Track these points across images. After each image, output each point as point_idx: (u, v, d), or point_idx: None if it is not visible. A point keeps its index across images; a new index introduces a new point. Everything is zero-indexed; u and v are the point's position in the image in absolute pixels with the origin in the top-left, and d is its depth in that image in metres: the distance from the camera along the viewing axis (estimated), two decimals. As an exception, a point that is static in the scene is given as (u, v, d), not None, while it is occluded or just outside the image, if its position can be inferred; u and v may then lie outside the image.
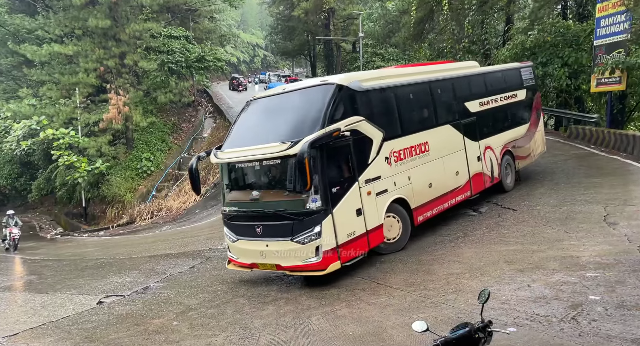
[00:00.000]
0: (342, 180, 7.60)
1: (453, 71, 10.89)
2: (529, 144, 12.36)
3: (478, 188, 10.50)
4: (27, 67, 30.32)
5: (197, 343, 5.67)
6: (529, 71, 12.89)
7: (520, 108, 12.29)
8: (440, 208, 9.47)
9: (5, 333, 6.86)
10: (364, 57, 35.53)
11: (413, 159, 8.91)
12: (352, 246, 7.57)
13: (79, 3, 26.60)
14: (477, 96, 10.82)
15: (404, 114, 9.02)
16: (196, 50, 32.53)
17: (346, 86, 7.94)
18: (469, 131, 10.36)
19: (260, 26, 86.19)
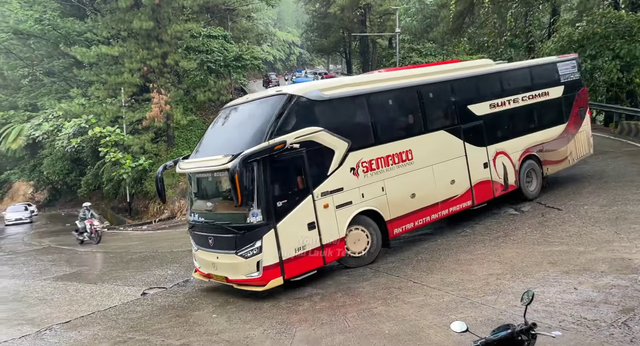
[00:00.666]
0: (291, 193, 7.44)
1: (452, 72, 10.07)
2: (565, 146, 11.33)
3: (483, 197, 9.83)
4: (77, 68, 31.86)
5: (236, 336, 5.79)
6: (570, 65, 11.76)
7: (552, 107, 11.25)
8: (426, 219, 8.97)
9: (59, 320, 7.28)
10: (400, 53, 35.01)
11: (390, 169, 8.52)
12: (302, 261, 7.41)
13: (125, 5, 27.68)
14: (485, 97, 10.08)
15: (379, 122, 8.63)
16: (234, 50, 33.12)
17: (300, 96, 7.74)
18: (473, 136, 9.74)
19: (296, 24, 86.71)
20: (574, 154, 11.59)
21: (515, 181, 10.36)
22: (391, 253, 8.87)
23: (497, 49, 24.94)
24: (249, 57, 33.83)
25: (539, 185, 10.97)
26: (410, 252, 8.66)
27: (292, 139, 7.36)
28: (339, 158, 7.90)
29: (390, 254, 8.76)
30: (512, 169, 10.30)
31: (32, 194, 43.95)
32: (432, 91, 9.43)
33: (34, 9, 31.05)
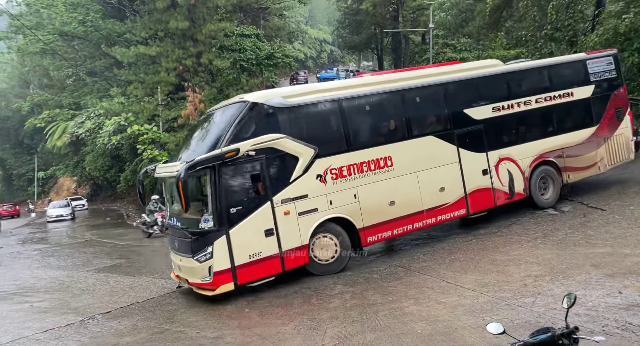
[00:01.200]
0: (247, 200, 7.48)
1: (447, 74, 9.62)
2: (594, 152, 10.42)
3: (482, 206, 9.40)
4: (117, 68, 33.06)
5: (268, 331, 5.86)
6: (604, 62, 10.74)
7: (577, 109, 10.46)
8: (408, 228, 8.71)
9: (101, 310, 7.60)
10: (434, 48, 34.35)
11: (364, 176, 8.35)
12: (257, 267, 7.44)
13: (162, 6, 28.49)
14: (487, 100, 9.61)
15: (353, 129, 8.47)
16: (266, 48, 33.46)
17: (261, 104, 7.75)
18: (470, 141, 9.31)
19: (327, 21, 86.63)
20: (606, 160, 10.58)
21: (524, 189, 9.78)
22: (424, 252, 8.75)
23: (537, 43, 24.02)
24: (280, 55, 34.08)
25: (556, 194, 10.18)
26: (443, 252, 8.50)
27: (249, 146, 7.43)
28: (303, 165, 7.88)
29: (422, 254, 8.64)
30: (520, 176, 9.74)
31: (75, 189, 46.06)
32: (419, 95, 9.15)
33: (78, 11, 32.39)
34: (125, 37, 32.13)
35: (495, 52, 30.33)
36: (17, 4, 40.95)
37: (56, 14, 32.79)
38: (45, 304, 8.50)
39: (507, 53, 28.29)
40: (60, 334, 6.53)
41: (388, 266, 8.19)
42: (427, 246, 9.19)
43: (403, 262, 8.29)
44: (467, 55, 32.67)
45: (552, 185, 10.18)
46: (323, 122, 8.40)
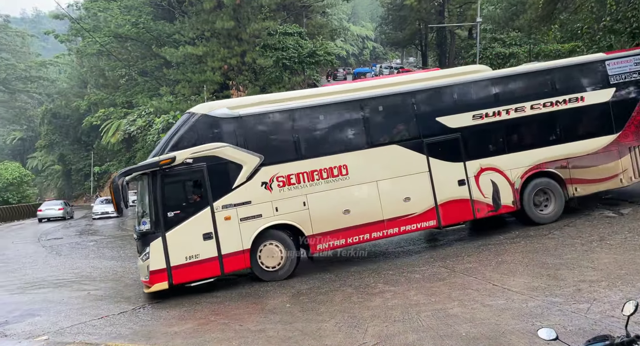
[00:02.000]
0: (185, 205, 7.95)
1: (419, 82, 9.32)
2: (613, 162, 9.42)
3: (457, 218, 9.01)
4: (166, 68, 34.42)
5: (309, 327, 5.91)
6: (634, 62, 9.66)
7: (590, 115, 9.56)
8: (365, 237, 8.61)
9: (150, 300, 7.96)
10: (481, 43, 33.22)
11: (315, 184, 8.44)
12: (194, 269, 7.82)
13: (209, 7, 29.34)
14: (466, 108, 9.18)
15: (303, 138, 8.62)
16: (308, 46, 33.66)
17: (204, 115, 8.23)
18: (443, 150, 8.99)
19: (370, 18, 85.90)
20: (630, 172, 9.51)
21: (513, 201, 9.16)
22: (468, 253, 8.51)
23: (594, 36, 22.64)
24: (322, 52, 34.19)
25: (559, 208, 9.33)
26: (489, 254, 8.23)
27: (187, 154, 7.92)
28: (247, 172, 8.18)
29: (467, 255, 8.40)
30: (508, 187, 9.14)
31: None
32: (381, 104, 9.01)
33: (131, 14, 34.00)
34: (174, 38, 33.37)
35: (548, 46, 28.92)
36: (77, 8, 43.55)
37: (112, 16, 34.54)
38: (101, 292, 9.00)
39: (561, 47, 26.88)
40: (114, 321, 6.89)
41: (431, 267, 8.03)
42: (471, 247, 8.93)
43: (447, 263, 8.10)
44: (517, 49, 31.37)
45: (553, 199, 9.34)
46: (270, 131, 8.61)
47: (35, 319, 7.25)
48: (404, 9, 45.65)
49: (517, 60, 30.63)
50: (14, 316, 7.57)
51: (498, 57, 32.40)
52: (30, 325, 6.93)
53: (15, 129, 57.35)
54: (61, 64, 55.38)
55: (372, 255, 9.62)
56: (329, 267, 8.99)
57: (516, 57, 31.02)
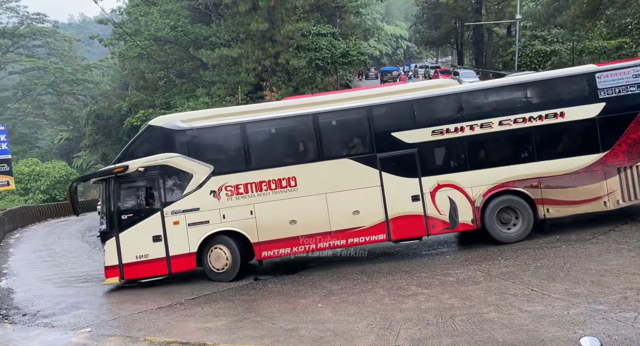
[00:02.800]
0: (137, 209, 8.81)
1: (377, 97, 9.20)
2: (597, 183, 8.79)
3: (409, 233, 9.00)
4: (202, 69, 35.28)
5: (340, 327, 5.90)
6: (632, 74, 8.87)
7: (572, 131, 9.00)
8: (311, 247, 8.90)
9: (187, 296, 8.17)
10: (520, 41, 32.17)
11: (263, 194, 8.88)
12: (143, 267, 8.70)
13: (244, 9, 29.88)
14: (425, 123, 9.02)
15: (253, 150, 9.06)
16: (341, 46, 33.63)
17: (158, 127, 8.96)
18: (397, 165, 8.97)
19: (404, 17, 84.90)
20: (618, 195, 8.80)
21: (472, 220, 8.94)
22: (505, 257, 8.25)
23: (643, 31, 21.48)
24: (355, 53, 34.09)
25: (526, 228, 8.96)
26: (527, 258, 7.95)
27: (140, 163, 8.74)
28: (197, 181, 8.81)
29: (504, 259, 8.15)
30: (467, 205, 8.93)
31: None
32: (335, 118, 9.13)
33: (170, 17, 35.06)
34: (211, 40, 34.16)
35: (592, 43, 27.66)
36: (119, 13, 45.34)
37: (152, 20, 35.74)
38: (139, 288, 9.31)
39: (607, 44, 25.64)
40: (152, 316, 7.12)
41: (465, 270, 7.84)
42: (509, 250, 8.65)
43: (482, 266, 7.89)
44: (559, 47, 30.21)
45: (522, 219, 8.97)
46: (220, 143, 9.14)
47: (79, 312, 7.60)
48: (439, 7, 44.83)
49: (558, 58, 29.49)
50: (60, 308, 7.97)
51: (538, 55, 31.29)
52: (74, 317, 7.27)
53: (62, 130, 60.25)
54: (104, 67, 57.81)
55: (405, 256, 9.50)
56: (360, 268, 8.95)
57: (558, 55, 29.86)
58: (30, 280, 10.79)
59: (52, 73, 52.07)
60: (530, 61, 32.28)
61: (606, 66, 9.21)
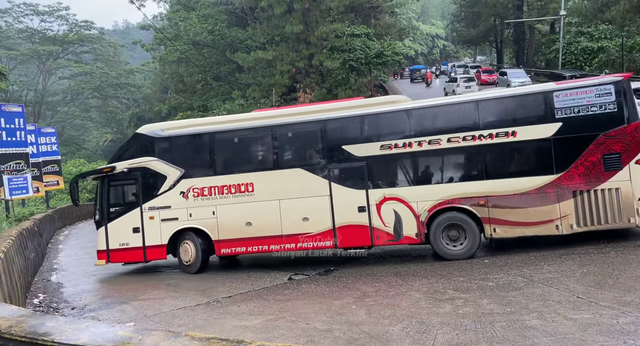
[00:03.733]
0: (122, 204, 10.32)
1: (331, 111, 9.65)
2: (550, 205, 8.44)
3: (355, 242, 9.35)
4: (238, 72, 35.99)
5: (375, 330, 5.85)
6: (595, 93, 8.36)
7: (523, 151, 8.84)
8: (264, 248, 9.65)
9: (223, 294, 8.33)
10: (564, 38, 30.90)
11: (224, 197, 9.75)
12: (125, 254, 10.12)
13: (279, 12, 30.26)
14: (375, 138, 9.28)
15: (218, 157, 9.96)
16: (375, 47, 33.43)
17: (141, 134, 10.32)
18: (346, 177, 9.37)
19: (441, 16, 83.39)
20: (572, 219, 8.39)
21: (416, 233, 9.05)
22: (548, 262, 7.94)
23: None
24: (390, 53, 33.80)
25: (471, 246, 8.86)
26: (572, 264, 7.61)
27: (125, 165, 10.18)
28: (170, 183, 9.98)
29: (547, 264, 7.84)
30: (412, 219, 9.05)
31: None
32: (292, 130, 9.75)
33: (208, 22, 36.01)
34: (246, 44, 34.80)
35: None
36: (160, 18, 47.00)
37: (190, 25, 36.80)
38: (179, 284, 9.60)
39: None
40: (191, 313, 7.32)
41: (505, 275, 7.59)
42: (552, 255, 8.32)
43: (523, 271, 7.62)
44: (607, 43, 28.82)
45: (468, 236, 8.86)
46: (190, 150, 10.17)
47: (123, 306, 7.92)
48: (478, 5, 43.77)
49: (606, 55, 28.11)
50: (105, 302, 8.35)
51: (584, 52, 29.96)
52: (119, 311, 7.59)
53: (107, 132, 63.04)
54: (146, 71, 60.08)
55: (441, 260, 9.32)
56: (394, 270, 8.85)
57: (606, 52, 28.46)
58: (78, 275, 11.34)
59: (98, 77, 54.61)
60: (576, 59, 30.95)
61: (566, 85, 8.87)
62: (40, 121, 47.66)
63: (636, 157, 8.08)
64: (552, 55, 34.03)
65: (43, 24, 55.93)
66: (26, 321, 3.64)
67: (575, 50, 30.63)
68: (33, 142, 24.37)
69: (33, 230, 13.12)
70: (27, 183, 18.57)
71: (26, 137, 20.64)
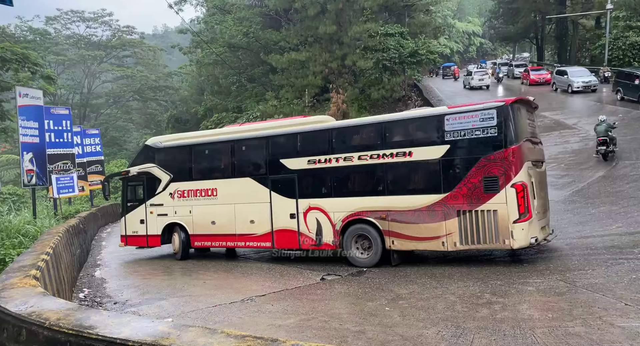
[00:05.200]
0: (135, 200, 12.94)
1: (275, 129, 11.13)
2: (437, 223, 8.74)
3: (287, 245, 10.60)
4: (271, 74, 36.44)
5: (409, 332, 5.77)
6: (479, 118, 8.50)
7: (417, 171, 9.30)
8: (223, 243, 11.57)
9: (257, 292, 8.43)
10: (611, 33, 29.44)
11: (197, 199, 11.75)
12: (135, 239, 12.82)
13: (313, 13, 30.41)
14: (304, 153, 10.33)
15: (194, 165, 12.07)
16: (410, 45, 32.95)
17: (148, 145, 13.02)
18: (282, 186, 10.55)
19: (478, 13, 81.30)
20: (456, 237, 8.58)
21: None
22: (593, 267, 7.59)
23: None
24: (424, 52, 33.23)
25: (377, 255, 9.45)
26: (620, 269, 7.24)
27: (136, 169, 12.80)
28: (163, 185, 12.28)
29: (591, 269, 7.50)
30: (330, 228, 10.01)
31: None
32: (245, 145, 11.34)
33: (243, 25, 36.62)
34: (280, 45, 35.16)
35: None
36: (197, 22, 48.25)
37: (226, 28, 37.56)
38: (214, 282, 9.82)
39: None
40: (226, 310, 7.46)
41: (546, 279, 7.32)
42: (597, 260, 7.94)
43: (566, 276, 7.31)
44: (657, 36, 27.24)
45: (374, 246, 9.52)
46: (176, 159, 12.42)
47: (161, 302, 8.17)
48: (517, 1, 42.38)
49: (657, 49, 26.54)
50: (145, 298, 8.64)
51: (633, 48, 28.47)
52: (158, 307, 7.83)
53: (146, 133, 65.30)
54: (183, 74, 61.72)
55: (477, 263, 9.08)
56: (429, 273, 8.70)
57: (656, 46, 26.89)
58: (119, 271, 11.82)
59: (138, 81, 56.66)
60: (624, 54, 29.44)
61: (456, 109, 9.08)
62: (85, 123, 49.98)
63: (512, 180, 8.17)
64: (598, 51, 32.50)
65: (88, 30, 58.65)
66: (73, 315, 3.82)
67: (623, 45, 29.12)
68: (79, 143, 25.59)
69: (79, 227, 13.77)
70: (73, 182, 19.52)
71: (72, 139, 21.71)
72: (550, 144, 18.72)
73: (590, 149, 17.69)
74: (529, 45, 59.55)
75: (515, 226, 8.09)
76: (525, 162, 8.37)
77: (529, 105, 9.43)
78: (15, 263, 6.84)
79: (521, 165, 8.26)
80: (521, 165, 8.26)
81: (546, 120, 23.85)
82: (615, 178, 14.52)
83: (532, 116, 9.50)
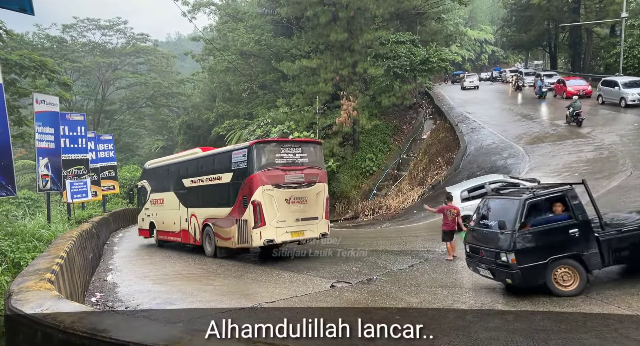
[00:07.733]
0: (142, 203, 17.67)
1: (184, 156, 15.81)
2: (230, 228, 12.31)
3: (188, 240, 14.58)
4: (282, 81, 36.65)
5: (420, 342, 5.72)
6: (241, 154, 12.22)
7: (223, 190, 12.78)
8: (172, 238, 15.58)
9: (266, 299, 8.47)
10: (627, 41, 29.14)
11: (157, 206, 16.53)
12: (142, 232, 17.86)
13: (324, 21, 30.58)
14: (189, 175, 14.43)
15: (156, 182, 16.81)
16: (421, 53, 32.95)
17: (144, 167, 18.64)
18: (183, 199, 14.78)
19: (490, 21, 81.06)
20: (236, 239, 12.09)
21: (200, 238, 13.82)
22: (608, 279, 7.46)
23: None
24: (435, 59, 33.18)
25: (213, 249, 13.22)
26: (636, 281, 7.11)
27: (140, 183, 18.04)
28: (148, 195, 17.17)
29: (607, 280, 7.38)
30: (198, 229, 13.87)
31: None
32: (169, 168, 16.06)
33: (255, 32, 36.97)
34: (291, 52, 35.37)
35: None
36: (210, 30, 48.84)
37: (238, 36, 37.94)
38: (224, 288, 9.85)
39: None
40: (236, 316, 7.46)
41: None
42: (612, 272, 7.80)
43: (580, 288, 7.19)
44: (672, 44, 26.89)
45: (211, 243, 13.35)
46: (150, 177, 17.38)
47: (172, 307, 8.22)
48: (530, 9, 42.15)
49: (673, 57, 26.16)
50: (156, 302, 8.70)
51: (648, 56, 28.06)
52: (168, 312, 7.86)
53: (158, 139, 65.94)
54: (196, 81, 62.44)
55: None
56: (439, 282, 8.63)
57: (672, 54, 26.52)
58: (131, 276, 11.91)
59: (151, 87, 57.36)
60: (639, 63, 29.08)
61: (235, 146, 13.01)
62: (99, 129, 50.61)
63: (251, 199, 11.58)
64: (612, 59, 32.17)
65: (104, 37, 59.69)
66: (87, 318, 3.87)
67: (639, 53, 28.80)
68: (92, 149, 25.94)
69: (91, 232, 13.93)
70: (86, 187, 19.77)
71: (87, 144, 22.03)
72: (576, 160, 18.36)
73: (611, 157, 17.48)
74: (541, 53, 59.14)
75: (254, 231, 11.49)
76: (260, 186, 11.53)
77: (277, 142, 12.66)
78: (30, 266, 6.94)
79: (256, 188, 11.55)
80: (256, 188, 11.55)
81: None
82: (630, 188, 14.31)
83: (288, 149, 12.20)
